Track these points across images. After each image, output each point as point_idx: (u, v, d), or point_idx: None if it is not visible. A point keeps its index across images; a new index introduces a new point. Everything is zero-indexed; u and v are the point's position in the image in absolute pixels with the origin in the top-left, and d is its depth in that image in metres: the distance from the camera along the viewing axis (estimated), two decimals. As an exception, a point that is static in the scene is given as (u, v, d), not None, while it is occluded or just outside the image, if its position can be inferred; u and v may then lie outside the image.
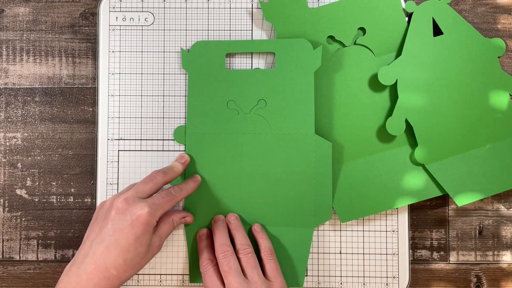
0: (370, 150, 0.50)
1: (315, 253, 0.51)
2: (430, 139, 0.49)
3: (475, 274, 0.51)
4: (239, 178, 0.50)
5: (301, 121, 0.49)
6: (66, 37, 0.53)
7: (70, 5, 0.53)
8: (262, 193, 0.49)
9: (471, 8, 0.52)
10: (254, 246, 0.48)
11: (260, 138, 0.50)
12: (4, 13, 0.53)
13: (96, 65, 0.53)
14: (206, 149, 0.50)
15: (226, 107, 0.50)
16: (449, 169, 0.49)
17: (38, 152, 0.52)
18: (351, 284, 0.50)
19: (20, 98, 0.53)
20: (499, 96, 0.49)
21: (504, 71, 0.49)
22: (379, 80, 0.49)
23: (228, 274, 0.44)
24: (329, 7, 0.50)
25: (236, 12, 0.52)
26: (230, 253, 0.45)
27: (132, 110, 0.52)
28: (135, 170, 0.51)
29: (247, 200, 0.49)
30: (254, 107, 0.50)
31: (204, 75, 0.50)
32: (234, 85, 0.50)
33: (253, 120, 0.50)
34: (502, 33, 0.52)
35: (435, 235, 0.52)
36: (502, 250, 0.51)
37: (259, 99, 0.50)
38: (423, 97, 0.49)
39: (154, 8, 0.52)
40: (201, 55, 0.50)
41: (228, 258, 0.45)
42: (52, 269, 0.52)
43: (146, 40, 0.52)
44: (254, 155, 0.50)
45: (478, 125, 0.49)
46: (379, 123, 0.50)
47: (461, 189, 0.49)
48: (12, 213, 0.52)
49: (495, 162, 0.49)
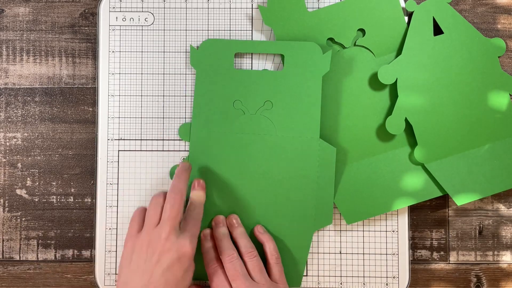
0: (372, 151, 0.50)
1: (315, 253, 0.51)
2: (430, 138, 0.49)
3: (475, 274, 0.51)
4: (241, 178, 0.50)
5: (306, 124, 0.49)
6: (66, 37, 0.53)
7: (70, 5, 0.53)
8: (264, 194, 0.49)
9: (471, 8, 0.52)
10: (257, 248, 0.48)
11: (264, 139, 0.50)
12: (4, 13, 0.53)
13: (96, 65, 0.53)
14: (211, 147, 0.50)
15: (232, 107, 0.50)
16: (448, 168, 0.49)
17: (38, 152, 0.52)
18: (351, 284, 0.50)
19: (20, 98, 0.53)
20: (499, 96, 0.49)
21: (504, 71, 0.49)
22: (379, 79, 0.49)
23: (236, 278, 0.44)
24: (328, 9, 0.50)
25: (236, 12, 0.52)
26: (235, 257, 0.45)
27: (132, 110, 0.52)
28: (135, 170, 0.51)
29: (248, 200, 0.49)
30: (260, 108, 0.50)
31: (212, 73, 0.50)
32: (241, 85, 0.50)
33: (258, 121, 0.50)
34: (502, 33, 0.52)
35: (435, 235, 0.52)
36: (502, 250, 0.51)
37: (266, 100, 0.50)
38: (423, 97, 0.49)
39: (154, 8, 0.52)
40: (210, 53, 0.50)
41: (235, 262, 0.45)
42: (52, 269, 0.52)
43: (146, 40, 0.52)
44: (257, 156, 0.50)
45: (477, 125, 0.49)
46: (380, 123, 0.50)
47: (460, 188, 0.49)
48: (12, 213, 0.52)
49: (495, 162, 0.49)
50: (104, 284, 0.51)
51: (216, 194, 0.50)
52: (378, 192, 0.49)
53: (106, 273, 0.51)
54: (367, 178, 0.50)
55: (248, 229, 0.49)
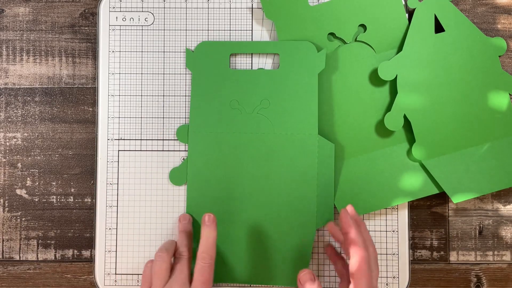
0: (371, 147, 0.50)
1: (315, 253, 0.51)
2: (428, 136, 0.49)
3: (475, 274, 0.51)
4: (241, 178, 0.50)
5: (304, 121, 0.49)
6: (66, 37, 0.53)
7: (70, 5, 0.53)
8: (264, 193, 0.49)
9: (471, 8, 0.52)
10: None
11: (263, 138, 0.50)
12: (4, 13, 0.53)
13: (96, 65, 0.53)
14: (209, 148, 0.50)
15: (229, 107, 0.50)
16: (446, 166, 0.49)
17: (38, 152, 0.52)
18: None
19: (20, 98, 0.53)
20: (499, 96, 0.49)
21: (504, 71, 0.49)
22: (379, 75, 0.49)
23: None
24: (330, 4, 0.50)
25: (236, 12, 0.52)
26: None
27: (132, 110, 0.52)
28: (135, 170, 0.51)
29: (249, 199, 0.49)
30: (257, 107, 0.50)
31: (208, 74, 0.50)
32: (237, 85, 0.50)
33: (256, 120, 0.50)
34: (502, 33, 0.52)
35: (435, 235, 0.52)
36: (502, 250, 0.51)
37: (262, 99, 0.50)
38: (422, 94, 0.49)
39: (154, 8, 0.52)
40: (205, 55, 0.50)
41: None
42: (52, 269, 0.52)
43: (146, 40, 0.52)
44: (257, 155, 0.50)
45: (477, 124, 0.49)
46: (379, 119, 0.50)
47: (457, 186, 0.49)
48: (12, 213, 0.52)
49: (493, 161, 0.49)
50: (104, 284, 0.51)
51: (216, 194, 0.50)
52: (376, 188, 0.49)
53: (106, 273, 0.51)
54: (365, 174, 0.50)
55: (250, 229, 0.49)
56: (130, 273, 0.51)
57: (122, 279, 0.51)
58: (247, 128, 0.50)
